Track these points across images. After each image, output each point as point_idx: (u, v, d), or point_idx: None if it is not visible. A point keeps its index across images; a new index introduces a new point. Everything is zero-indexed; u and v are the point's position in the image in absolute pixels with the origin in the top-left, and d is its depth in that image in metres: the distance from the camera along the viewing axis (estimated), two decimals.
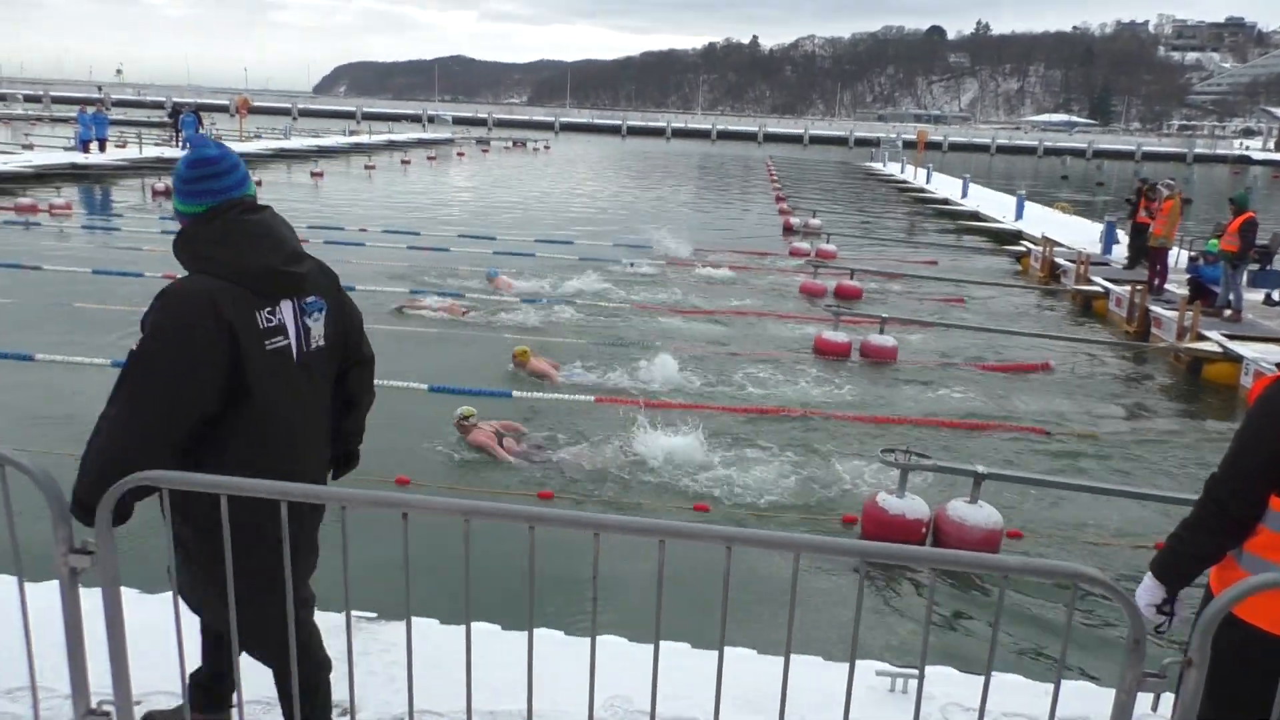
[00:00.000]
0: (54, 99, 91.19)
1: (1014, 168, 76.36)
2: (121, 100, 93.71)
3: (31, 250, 17.73)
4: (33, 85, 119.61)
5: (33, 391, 9.56)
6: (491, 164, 54.19)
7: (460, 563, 2.46)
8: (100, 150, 35.54)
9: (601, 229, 25.60)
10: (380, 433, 4.11)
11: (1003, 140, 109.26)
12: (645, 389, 10.60)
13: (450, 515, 2.45)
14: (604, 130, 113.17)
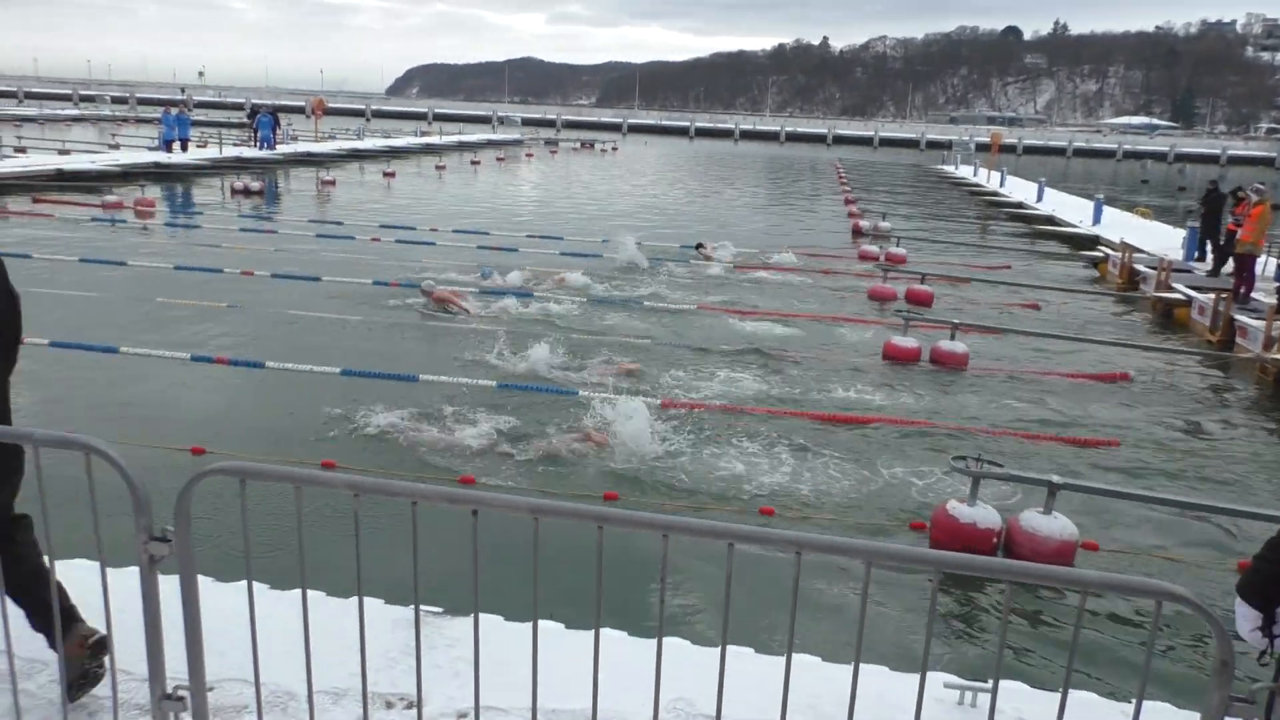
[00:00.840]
0: (140, 100, 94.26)
1: (1092, 171, 74.49)
2: (203, 102, 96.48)
3: (117, 246, 18.33)
4: (120, 87, 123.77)
5: (117, 383, 9.86)
6: (559, 165, 54.55)
7: (525, 560, 2.47)
8: (182, 150, 36.60)
9: (668, 230, 25.59)
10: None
11: (1080, 143, 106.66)
12: (701, 390, 10.56)
13: (518, 514, 2.45)
14: (672, 132, 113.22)
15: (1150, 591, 2.26)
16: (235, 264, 16.63)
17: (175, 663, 2.74)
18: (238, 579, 4.35)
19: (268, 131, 41.56)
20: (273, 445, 8.28)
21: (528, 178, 44.76)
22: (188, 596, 2.55)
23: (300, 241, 20.09)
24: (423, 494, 2.44)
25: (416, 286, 14.52)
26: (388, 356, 11.30)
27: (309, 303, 14.10)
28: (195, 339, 11.66)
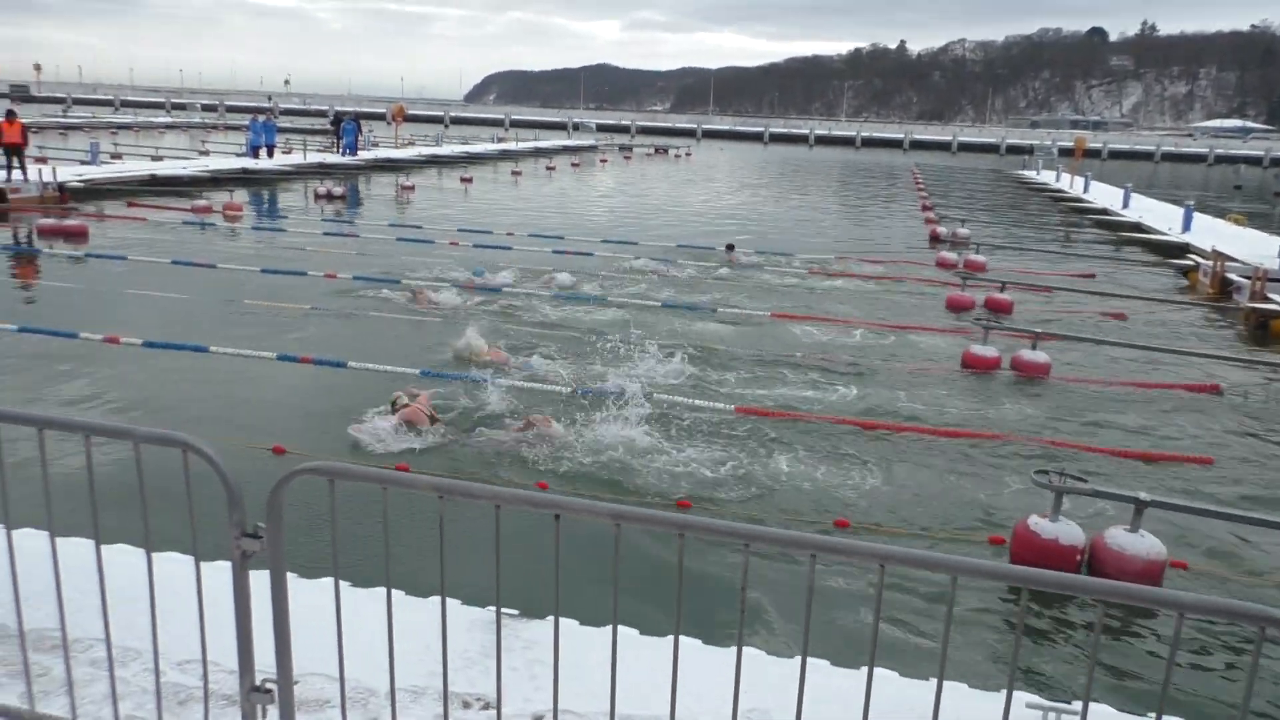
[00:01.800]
0: (228, 108, 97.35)
1: (1181, 177, 72.11)
2: (288, 109, 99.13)
3: (207, 249, 18.92)
4: (210, 96, 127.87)
5: (207, 381, 10.17)
6: (633, 170, 54.77)
7: (598, 564, 2.47)
8: (269, 156, 37.65)
9: (741, 235, 25.50)
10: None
11: (1168, 147, 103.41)
12: (785, 399, 10.49)
13: (599, 519, 2.46)
14: (746, 137, 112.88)
15: (1248, 616, 2.18)
16: (319, 266, 17.04)
17: (265, 655, 2.81)
18: (314, 575, 4.46)
19: (351, 138, 42.51)
20: (351, 445, 8.45)
21: (602, 183, 45.02)
22: (277, 592, 2.61)
23: (381, 245, 20.49)
24: (506, 498, 2.46)
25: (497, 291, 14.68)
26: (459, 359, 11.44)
27: (388, 304, 14.37)
28: (280, 339, 11.96)
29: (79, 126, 62.21)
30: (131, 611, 3.44)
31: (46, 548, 3.41)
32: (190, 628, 3.07)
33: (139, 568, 3.92)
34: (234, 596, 2.66)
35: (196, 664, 3.46)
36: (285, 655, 2.70)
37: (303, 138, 46.39)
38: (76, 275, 16.20)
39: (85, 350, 11.10)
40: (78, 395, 9.64)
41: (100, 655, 3.52)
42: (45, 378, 10.14)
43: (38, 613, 3.57)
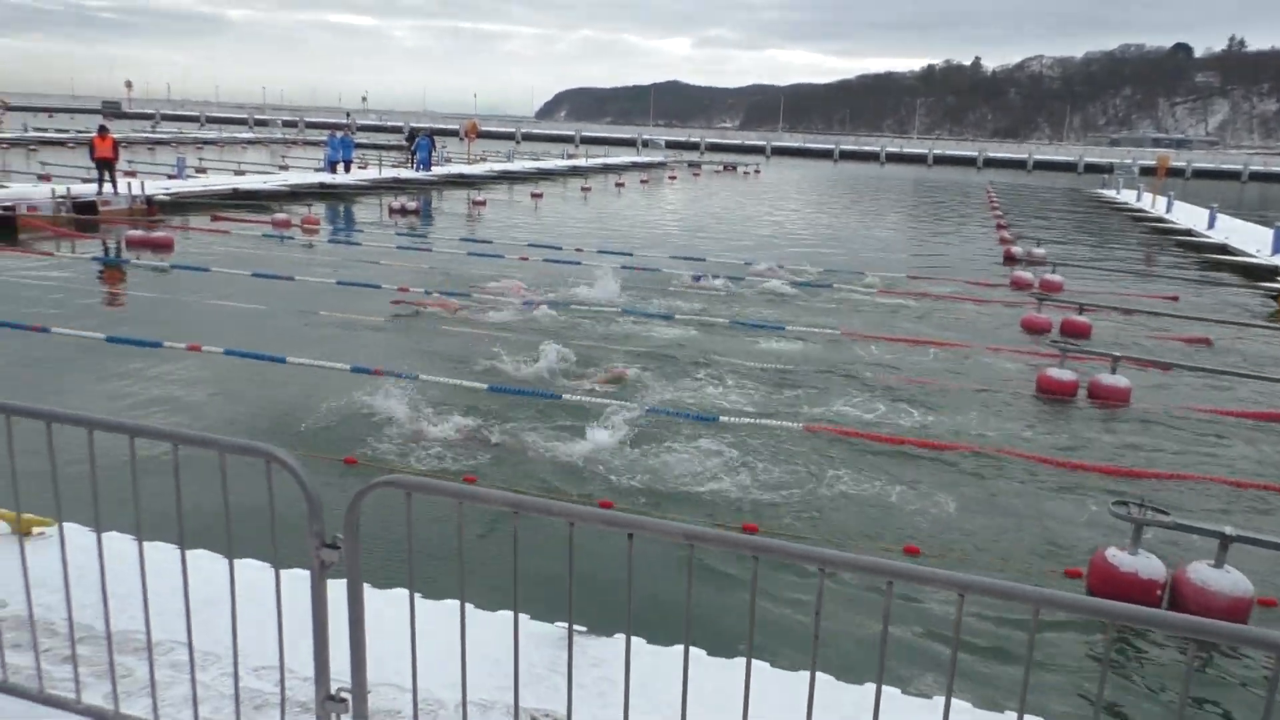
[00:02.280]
0: (308, 124, 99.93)
1: (1270, 197, 69.73)
2: (365, 125, 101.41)
3: (285, 261, 19.40)
4: (291, 112, 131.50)
5: (286, 391, 10.40)
6: (702, 187, 54.83)
7: (668, 583, 2.46)
8: (345, 171, 38.52)
9: (810, 252, 25.33)
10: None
11: (1257, 166, 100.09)
12: (858, 417, 10.37)
13: (673, 539, 2.45)
14: (816, 154, 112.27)
15: None
16: (393, 279, 17.35)
17: (339, 664, 2.85)
18: (382, 584, 4.52)
19: (425, 154, 43.30)
20: (419, 456, 8.55)
21: (670, 200, 45.14)
22: (353, 603, 2.65)
23: (453, 259, 20.79)
24: (580, 515, 2.46)
25: (561, 304, 14.78)
26: (532, 373, 11.53)
27: (459, 316, 14.57)
28: (356, 350, 12.19)
29: (167, 142, 64.41)
30: (210, 616, 3.53)
31: (133, 551, 3.51)
32: (266, 634, 3.13)
33: (217, 573, 4.01)
34: (312, 606, 2.70)
35: (272, 670, 3.53)
36: (360, 665, 2.73)
37: (378, 153, 47.37)
38: (162, 285, 16.73)
39: (169, 358, 11.44)
40: (161, 403, 9.94)
41: (180, 658, 3.61)
42: (131, 385, 10.48)
43: (122, 615, 3.67)
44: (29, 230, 22.61)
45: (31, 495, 3.41)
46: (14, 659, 3.38)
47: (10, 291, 15.75)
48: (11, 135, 59.48)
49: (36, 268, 18.05)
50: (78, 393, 10.12)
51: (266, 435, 8.92)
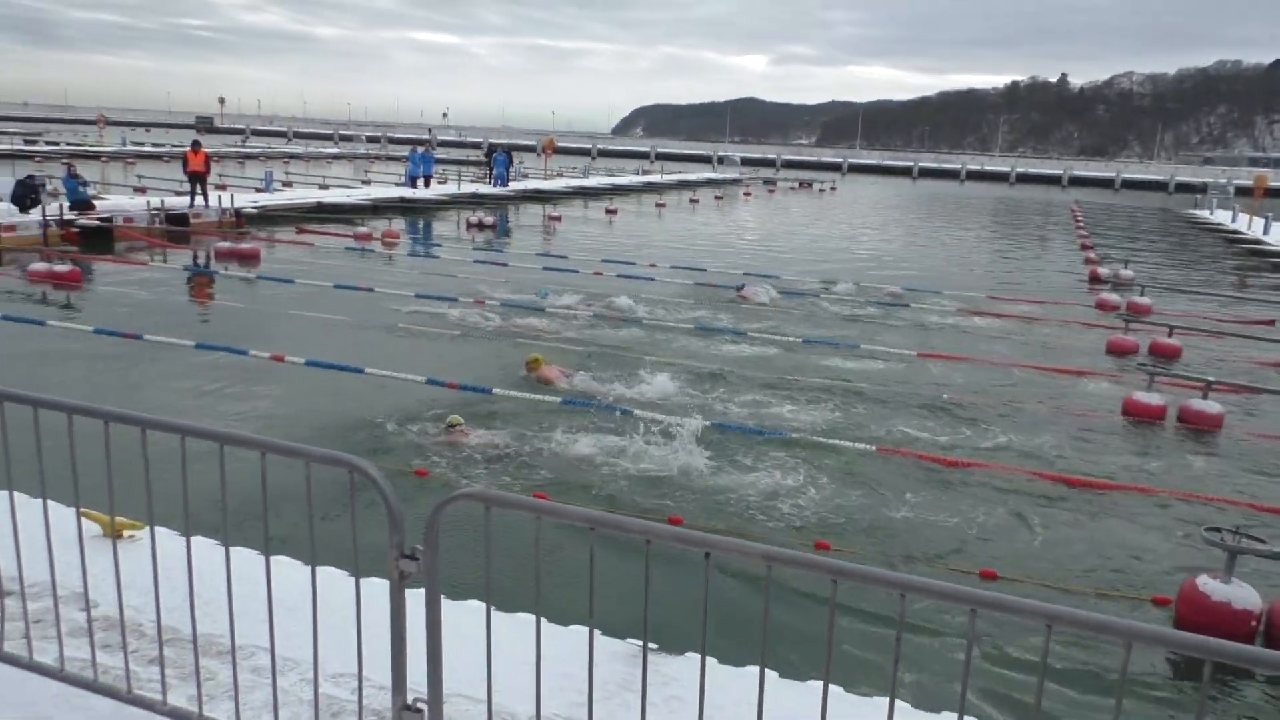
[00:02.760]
0: (390, 140, 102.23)
1: None
2: (445, 141, 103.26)
3: (365, 274, 19.83)
4: (375, 128, 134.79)
5: (364, 402, 10.60)
6: (776, 204, 54.58)
7: (740, 602, 2.43)
8: (425, 186, 39.27)
9: (887, 271, 25.01)
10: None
11: None
12: (928, 440, 10.17)
13: (750, 558, 2.42)
14: (894, 172, 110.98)
15: None
16: (469, 292, 17.60)
17: (415, 674, 2.88)
18: (455, 596, 4.56)
19: (502, 169, 43.93)
20: (487, 470, 8.63)
21: (744, 216, 45.02)
22: (431, 614, 2.67)
23: (528, 274, 21.02)
24: (656, 533, 2.45)
25: (636, 322, 14.83)
26: (606, 390, 11.57)
27: (534, 331, 14.70)
28: (431, 363, 12.38)
29: (256, 156, 66.50)
30: (290, 621, 3.60)
31: (218, 556, 3.60)
32: (343, 641, 3.18)
33: (297, 579, 4.09)
34: (390, 616, 2.74)
35: (349, 678, 3.58)
36: (436, 676, 2.76)
37: (457, 169, 48.21)
38: (248, 295, 17.23)
39: (253, 367, 11.76)
40: (245, 409, 10.20)
41: (261, 663, 3.68)
42: (218, 392, 10.79)
43: (205, 618, 3.77)
44: (125, 240, 23.53)
45: (123, 499, 3.52)
46: (104, 659, 3.49)
47: (107, 299, 16.39)
48: (111, 149, 62.08)
49: (131, 277, 18.75)
50: (166, 398, 10.45)
51: (339, 444, 9.10)
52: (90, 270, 18.94)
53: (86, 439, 3.17)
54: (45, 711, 3.46)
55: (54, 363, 11.90)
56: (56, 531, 3.40)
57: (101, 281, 18.26)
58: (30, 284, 17.23)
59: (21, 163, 46.20)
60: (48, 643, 3.57)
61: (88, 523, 4.44)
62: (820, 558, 2.30)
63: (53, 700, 3.50)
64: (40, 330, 13.50)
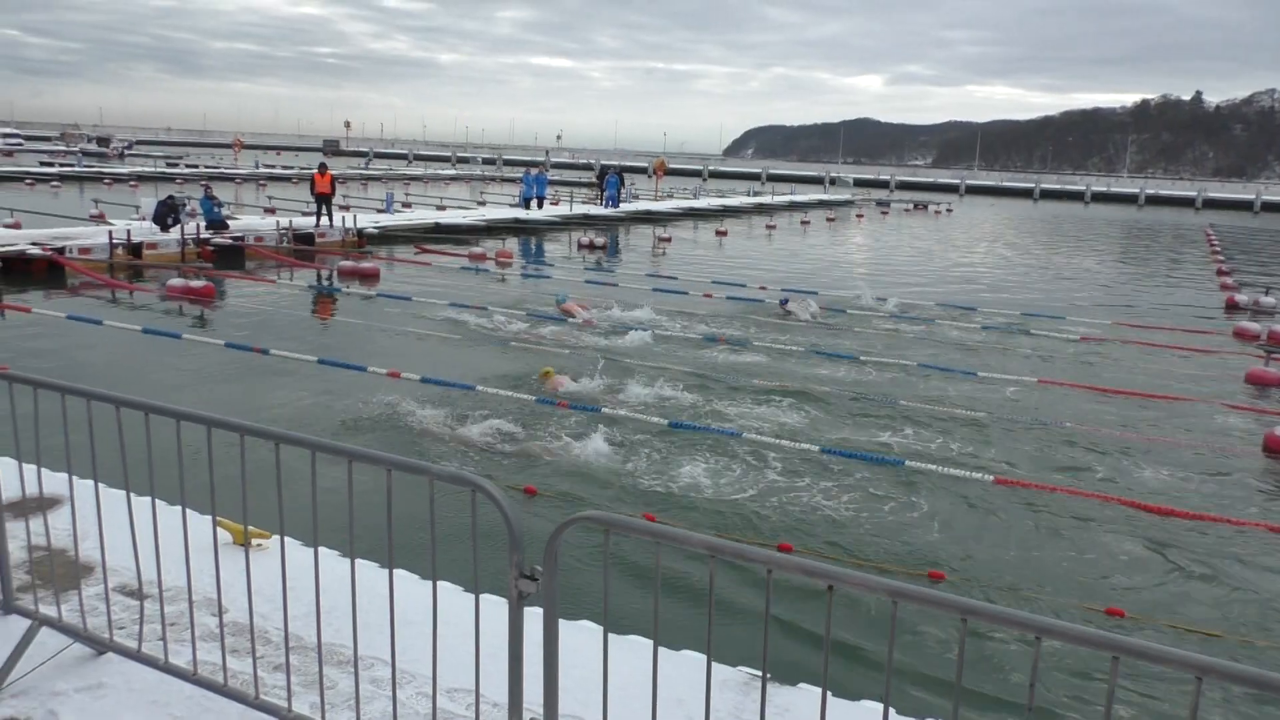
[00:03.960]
0: (505, 162, 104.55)
1: None
2: (558, 163, 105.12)
3: (479, 292, 20.27)
4: (490, 150, 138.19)
5: (470, 417, 10.79)
6: (890, 226, 53.65)
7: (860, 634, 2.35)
8: (538, 207, 39.98)
9: (1008, 296, 24.27)
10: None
11: None
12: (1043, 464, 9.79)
13: (874, 594, 2.35)
14: (1013, 193, 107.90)
15: None
16: (579, 313, 17.79)
17: (530, 693, 2.89)
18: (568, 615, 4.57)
19: (614, 191, 44.42)
20: (596, 489, 8.66)
21: (857, 238, 44.39)
22: (549, 635, 2.68)
23: (638, 295, 21.13)
24: (778, 563, 2.40)
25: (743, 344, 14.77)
26: (713, 411, 11.52)
27: (645, 352, 14.76)
28: (542, 384, 12.53)
29: (378, 178, 68.94)
30: (408, 634, 3.66)
31: (341, 568, 3.70)
32: (459, 657, 3.22)
33: (413, 594, 4.17)
34: (509, 635, 2.75)
35: (464, 693, 3.62)
36: (553, 696, 2.76)
37: (570, 190, 48.96)
38: (368, 313, 17.80)
39: (372, 383, 12.11)
40: (363, 424, 10.50)
41: (380, 674, 3.76)
42: (338, 406, 11.14)
43: (327, 628, 3.86)
44: (256, 258, 24.65)
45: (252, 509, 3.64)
46: (233, 664, 3.61)
47: (237, 315, 17.16)
48: (244, 172, 65.28)
49: (260, 294, 19.60)
50: (290, 412, 10.85)
51: (446, 459, 9.28)
52: (223, 286, 19.88)
53: (221, 450, 3.30)
54: (179, 713, 3.60)
55: (188, 375, 12.49)
56: (192, 539, 3.54)
57: (233, 297, 19.15)
58: (168, 299, 18.18)
59: (164, 184, 49.00)
60: (182, 645, 3.72)
61: (220, 531, 4.63)
62: (949, 596, 2.22)
63: (185, 702, 3.64)
64: (176, 343, 14.22)
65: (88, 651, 3.97)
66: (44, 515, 4.57)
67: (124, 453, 3.42)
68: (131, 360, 13.35)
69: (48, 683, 3.80)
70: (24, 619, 3.96)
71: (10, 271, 19.90)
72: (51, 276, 20.23)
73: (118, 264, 21.76)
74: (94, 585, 4.45)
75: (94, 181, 54.16)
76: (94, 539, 3.83)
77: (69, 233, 23.76)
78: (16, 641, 3.85)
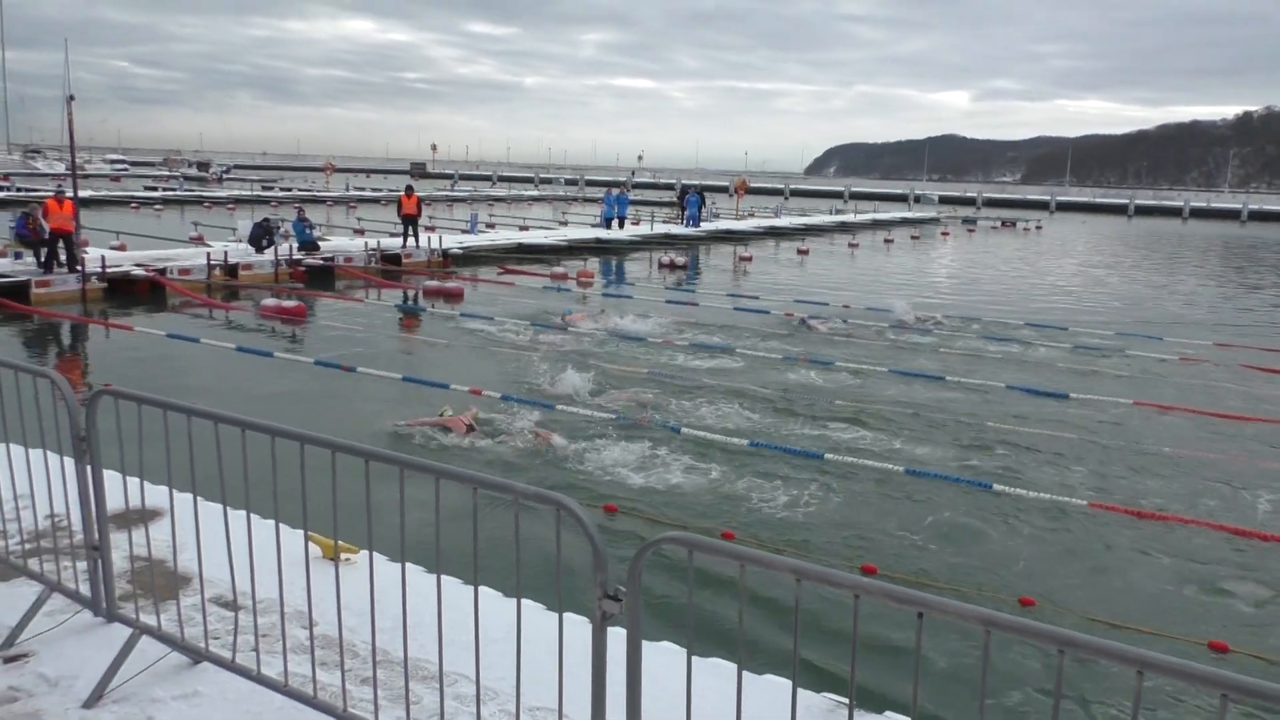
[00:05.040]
0: (587, 182, 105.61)
1: None
2: (640, 183, 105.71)
3: (560, 312, 20.43)
4: (573, 171, 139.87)
5: (558, 436, 10.86)
6: (977, 244, 52.57)
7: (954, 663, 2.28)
8: (619, 227, 40.24)
9: (1101, 315, 23.55)
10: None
11: None
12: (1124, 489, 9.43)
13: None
14: (1107, 210, 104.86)
15: None
16: (659, 332, 17.84)
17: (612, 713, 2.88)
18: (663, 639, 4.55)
19: (694, 210, 44.48)
20: (676, 509, 8.63)
21: (942, 256, 43.61)
22: (632, 656, 2.67)
23: (718, 314, 21.09)
24: (866, 588, 2.36)
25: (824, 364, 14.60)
26: (793, 432, 11.40)
27: (725, 371, 14.70)
28: (616, 401, 12.57)
29: (463, 199, 70.25)
30: (492, 652, 3.68)
31: (426, 584, 3.75)
32: (541, 676, 3.23)
33: (496, 611, 4.20)
34: (592, 656, 2.75)
35: (546, 712, 3.63)
36: (636, 718, 2.74)
37: (651, 210, 49.18)
38: (452, 332, 18.10)
39: (454, 400, 12.29)
40: (447, 442, 10.65)
41: (464, 691, 3.80)
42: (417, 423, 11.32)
43: (412, 643, 3.91)
44: (345, 278, 25.32)
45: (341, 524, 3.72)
46: (322, 676, 3.68)
47: (326, 334, 17.63)
48: (335, 194, 67.24)
49: (349, 312, 20.11)
50: (376, 428, 11.07)
51: (524, 475, 9.35)
52: (314, 306, 20.45)
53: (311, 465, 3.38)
54: None
55: (280, 392, 12.85)
56: (284, 552, 3.63)
57: (323, 316, 19.68)
58: (262, 318, 18.78)
59: (259, 207, 50.73)
60: (273, 656, 3.81)
61: (311, 545, 4.73)
62: (1046, 627, 2.14)
63: (276, 713, 3.72)
64: (269, 361, 14.65)
65: (184, 660, 4.09)
66: (145, 526, 4.74)
67: (221, 467, 3.53)
68: (226, 377, 13.80)
69: (147, 689, 3.92)
70: (126, 627, 4.10)
71: (116, 292, 20.79)
72: (154, 296, 21.07)
73: (215, 284, 22.57)
74: (191, 595, 4.59)
75: (194, 205, 56.33)
76: (191, 550, 3.96)
77: (170, 254, 24.77)
78: (119, 649, 3.99)
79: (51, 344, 17.01)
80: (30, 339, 16.95)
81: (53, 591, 4.44)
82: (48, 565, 4.51)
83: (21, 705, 3.83)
